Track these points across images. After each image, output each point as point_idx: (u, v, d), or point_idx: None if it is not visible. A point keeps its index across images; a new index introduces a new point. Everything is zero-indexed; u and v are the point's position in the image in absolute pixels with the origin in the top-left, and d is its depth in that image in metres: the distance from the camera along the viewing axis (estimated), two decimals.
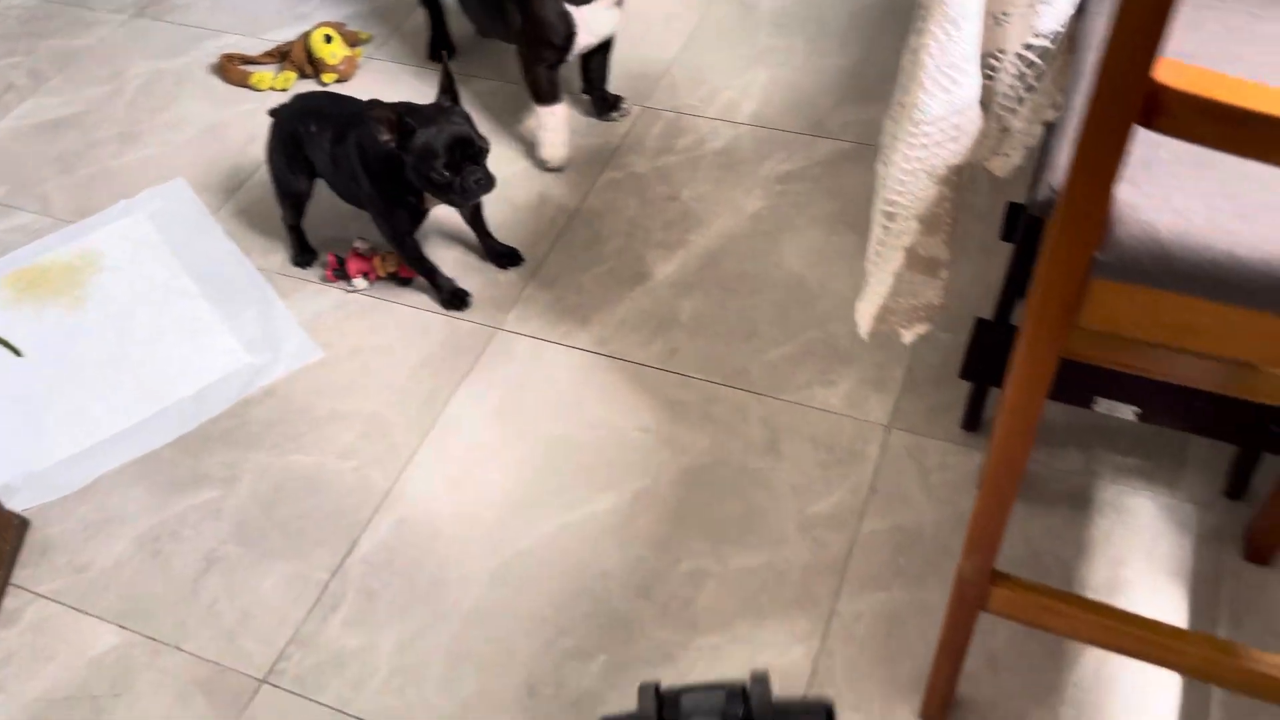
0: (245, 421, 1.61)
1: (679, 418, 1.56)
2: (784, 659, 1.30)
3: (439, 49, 2.18)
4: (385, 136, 1.55)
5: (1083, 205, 0.66)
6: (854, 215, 1.83)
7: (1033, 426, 0.82)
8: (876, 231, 1.04)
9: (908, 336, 1.24)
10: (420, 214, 1.70)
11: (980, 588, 1.00)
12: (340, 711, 1.29)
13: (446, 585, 1.40)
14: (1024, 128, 1.00)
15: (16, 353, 1.34)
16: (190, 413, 1.62)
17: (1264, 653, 0.93)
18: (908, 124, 0.95)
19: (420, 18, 2.28)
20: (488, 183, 1.59)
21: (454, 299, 1.74)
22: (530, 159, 1.99)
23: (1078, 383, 1.34)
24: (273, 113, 1.78)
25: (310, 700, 1.30)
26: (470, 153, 1.57)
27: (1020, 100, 0.98)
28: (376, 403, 1.62)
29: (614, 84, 2.10)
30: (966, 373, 1.43)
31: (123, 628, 1.39)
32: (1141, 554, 1.36)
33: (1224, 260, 0.66)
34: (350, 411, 1.61)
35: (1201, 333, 0.70)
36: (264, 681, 1.32)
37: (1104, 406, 1.35)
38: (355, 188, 1.69)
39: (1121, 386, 1.33)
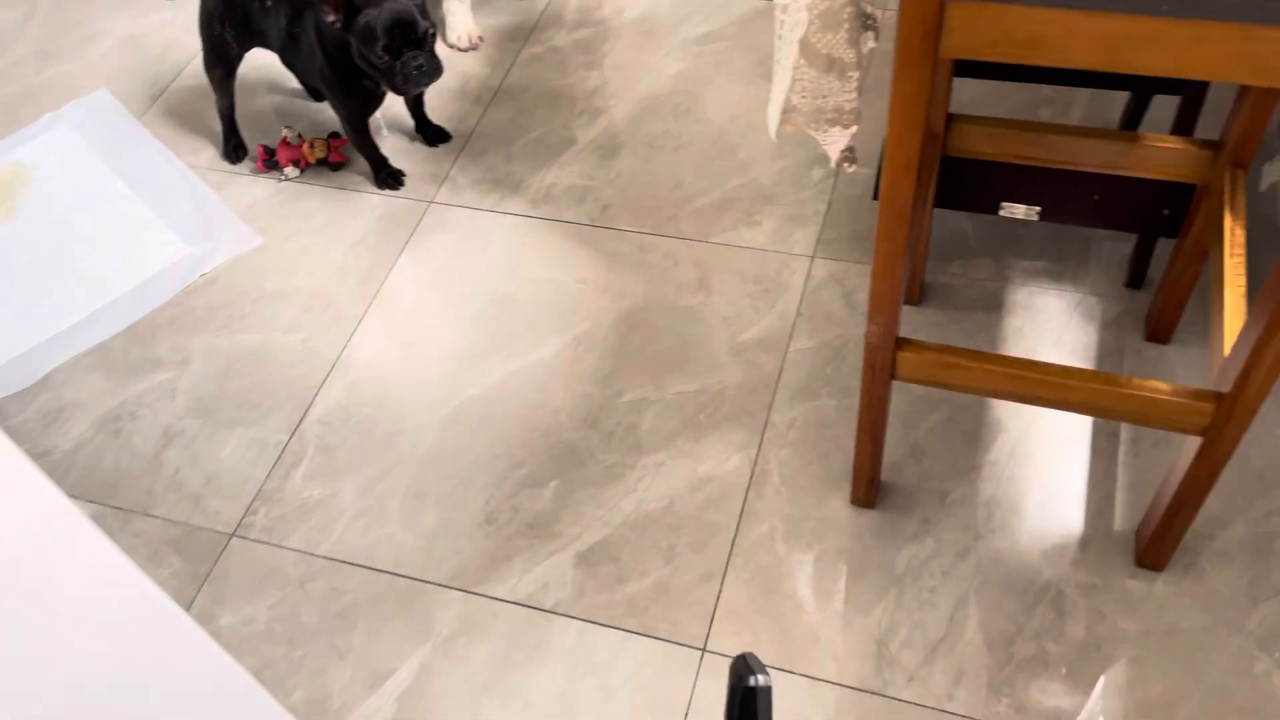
0: (191, 308, 1.65)
1: (614, 268, 1.62)
2: (724, 467, 1.38)
3: None
4: (330, 17, 1.52)
5: None
6: (770, 68, 1.88)
7: (913, 167, 0.89)
8: (775, 28, 1.10)
9: (834, 153, 1.30)
10: (377, 99, 1.70)
11: (887, 351, 1.08)
12: (308, 554, 1.36)
13: (401, 435, 1.46)
14: None
15: None
16: (135, 303, 1.65)
17: (1143, 380, 1.02)
18: None
19: None
20: (431, 71, 1.55)
21: (390, 178, 1.76)
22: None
23: (984, 190, 1.41)
24: None
25: (279, 547, 1.37)
26: (412, 37, 1.52)
27: None
28: (318, 280, 1.66)
29: None
30: (878, 191, 1.50)
31: (90, 501, 1.43)
32: (1050, 344, 1.45)
33: None
34: (293, 290, 1.66)
35: (1046, 43, 0.76)
36: (233, 535, 1.38)
37: (1008, 210, 1.43)
38: (311, 67, 1.66)
39: (1023, 189, 1.40)
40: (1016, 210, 1.41)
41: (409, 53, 1.52)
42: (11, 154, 1.90)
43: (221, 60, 1.75)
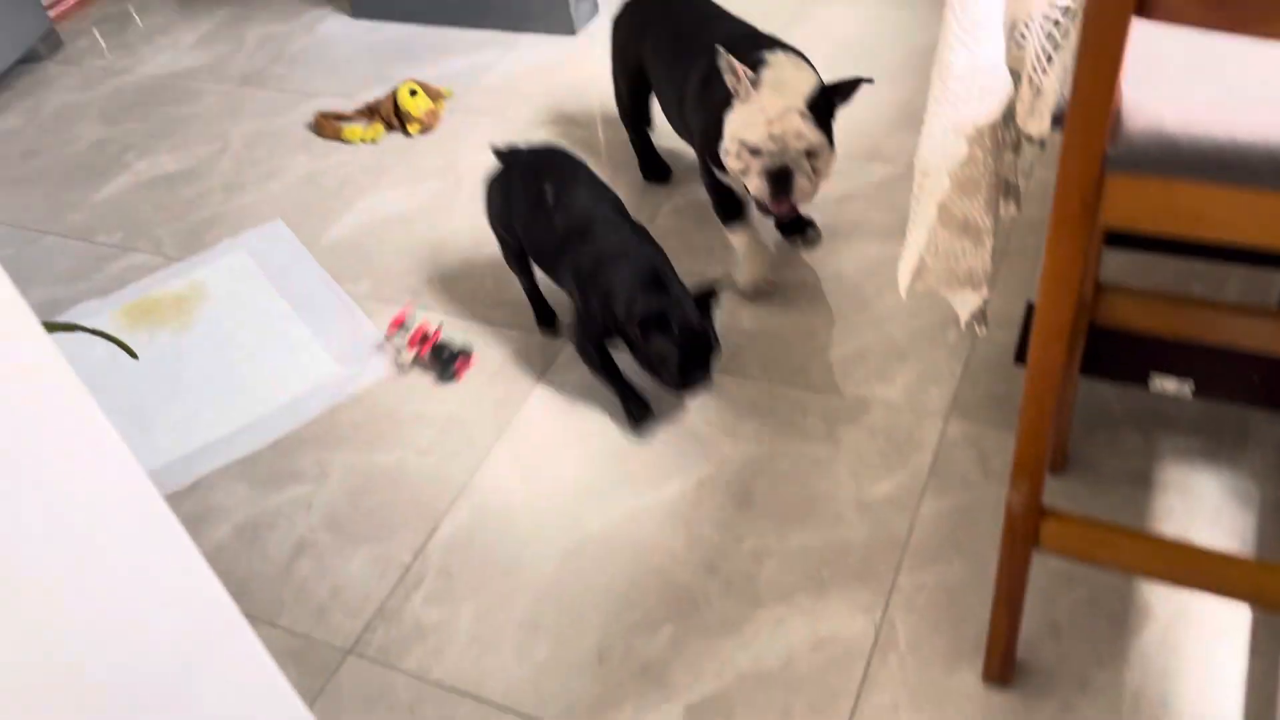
0: (335, 425, 1.73)
1: (741, 413, 1.63)
2: (847, 629, 1.33)
3: (651, 171, 2.13)
4: (632, 332, 1.51)
5: (1091, 100, 0.73)
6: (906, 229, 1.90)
7: (1065, 332, 0.87)
8: (914, 189, 1.12)
9: (963, 314, 1.30)
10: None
11: (1029, 520, 1.04)
12: (420, 678, 1.36)
13: (521, 565, 1.47)
14: (1054, 86, 1.08)
15: (132, 354, 1.48)
16: (286, 418, 1.74)
17: None
18: (937, 82, 1.03)
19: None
20: (707, 383, 1.56)
21: (637, 410, 1.62)
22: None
23: (1133, 360, 1.38)
24: (500, 156, 1.73)
25: (392, 668, 1.37)
26: (701, 359, 1.51)
27: (1049, 58, 1.06)
28: (454, 406, 1.73)
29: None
30: (1021, 355, 1.48)
31: None
32: (1204, 526, 1.36)
33: (1225, 144, 0.73)
34: (430, 414, 1.72)
35: (1213, 218, 0.75)
36: (350, 652, 1.40)
37: (1159, 384, 1.39)
38: (560, 277, 1.65)
39: (1176, 362, 1.36)
40: (1168, 384, 1.36)
41: (695, 373, 1.52)
42: (192, 274, 2.07)
43: (509, 250, 1.76)
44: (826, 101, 1.63)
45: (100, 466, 0.63)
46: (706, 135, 1.72)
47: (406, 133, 2.36)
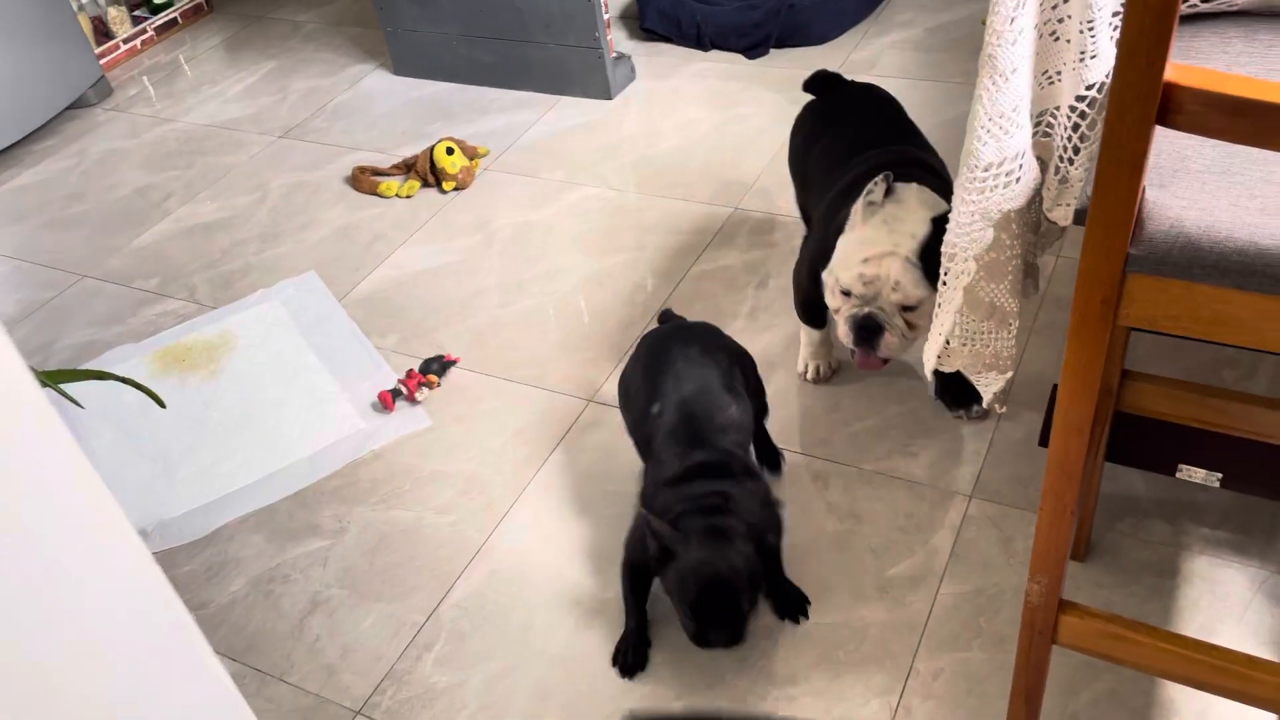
0: (355, 480, 1.73)
1: None
2: (861, 712, 1.30)
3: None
4: (653, 547, 1.31)
5: (1113, 201, 0.73)
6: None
7: (1086, 428, 0.86)
8: (940, 273, 1.12)
9: (987, 395, 1.30)
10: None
11: (1048, 613, 1.01)
12: None
13: (534, 631, 1.46)
14: (1080, 175, 1.08)
15: (160, 403, 1.50)
16: (307, 471, 1.75)
17: None
18: (965, 170, 1.04)
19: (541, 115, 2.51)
20: (730, 641, 1.29)
21: (625, 657, 1.39)
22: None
23: (1160, 450, 1.36)
24: (662, 320, 1.66)
25: None
26: (723, 613, 1.27)
27: (1076, 150, 1.06)
28: (475, 465, 1.73)
29: (702, 189, 2.25)
30: (1045, 439, 1.46)
31: (233, 660, 1.48)
32: (1232, 623, 1.33)
33: (1248, 249, 0.72)
34: (451, 472, 1.72)
35: (1233, 323, 0.75)
36: (359, 713, 1.39)
37: (1186, 473, 1.37)
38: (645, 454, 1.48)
39: (1204, 452, 1.34)
40: (1196, 475, 1.34)
41: (715, 626, 1.28)
42: (223, 322, 2.10)
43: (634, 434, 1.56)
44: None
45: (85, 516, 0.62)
46: (819, 246, 1.59)
47: (441, 189, 2.40)
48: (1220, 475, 1.33)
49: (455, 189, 2.39)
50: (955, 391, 1.67)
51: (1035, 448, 1.60)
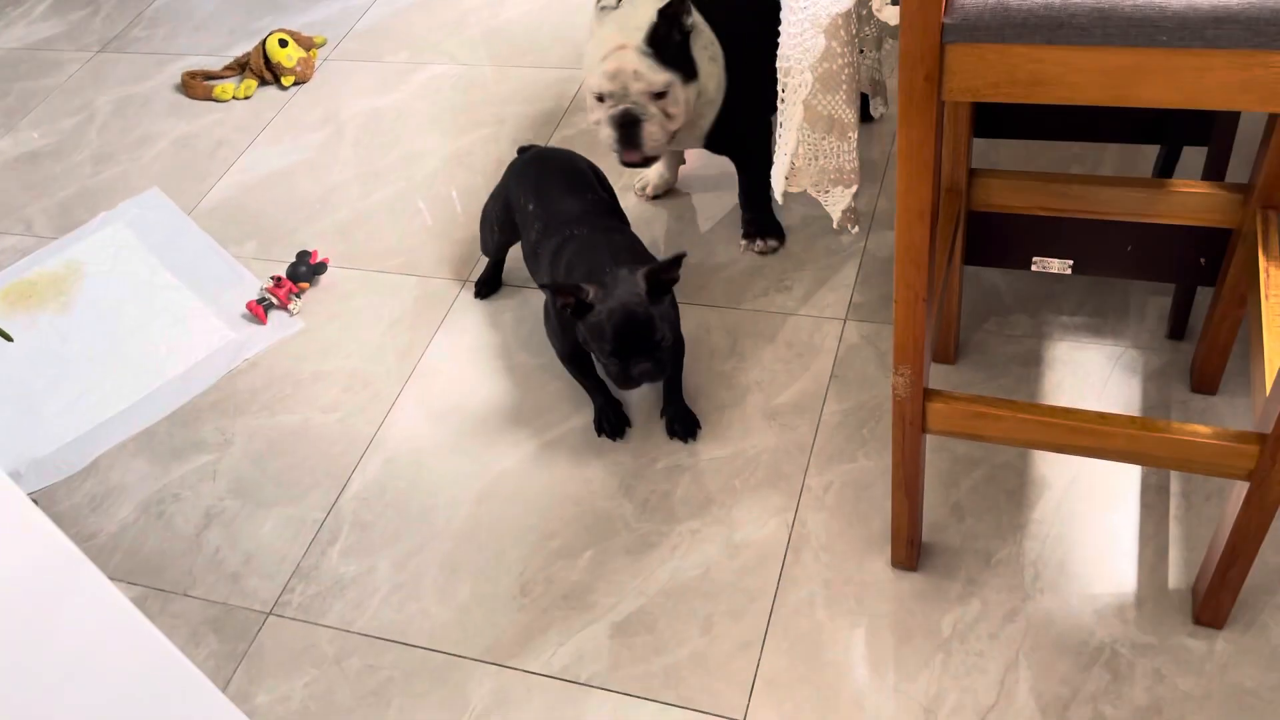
0: (233, 392, 1.68)
1: None
2: (760, 533, 1.35)
3: None
4: (560, 303, 1.36)
5: None
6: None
7: (926, 212, 0.88)
8: (779, 91, 1.12)
9: (835, 213, 1.31)
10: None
11: (915, 403, 1.06)
12: (344, 630, 1.35)
13: (436, 509, 1.46)
14: None
15: (7, 338, 1.41)
16: (181, 389, 1.69)
17: (1182, 424, 0.99)
18: None
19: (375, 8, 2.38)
20: (652, 376, 1.36)
21: (608, 423, 1.49)
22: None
23: (1014, 245, 1.40)
24: (521, 151, 1.67)
25: (315, 624, 1.36)
26: (643, 345, 1.33)
27: None
28: (356, 360, 1.69)
29: (554, 54, 2.17)
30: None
31: (132, 584, 1.45)
32: (1092, 399, 1.41)
33: (1054, 3, 0.73)
34: (332, 371, 1.68)
35: (1049, 81, 0.76)
36: (270, 614, 1.38)
37: (1041, 265, 1.42)
38: (538, 277, 1.55)
39: (1055, 243, 1.39)
40: (1050, 265, 1.39)
41: (635, 358, 1.34)
42: (66, 252, 1.98)
43: (489, 246, 1.71)
44: (669, 27, 1.47)
45: None
46: None
47: (281, 85, 2.28)
48: (1072, 262, 1.39)
49: (295, 83, 2.27)
50: (748, 224, 1.72)
51: None
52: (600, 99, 1.53)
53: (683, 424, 1.48)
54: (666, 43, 1.49)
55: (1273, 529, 1.24)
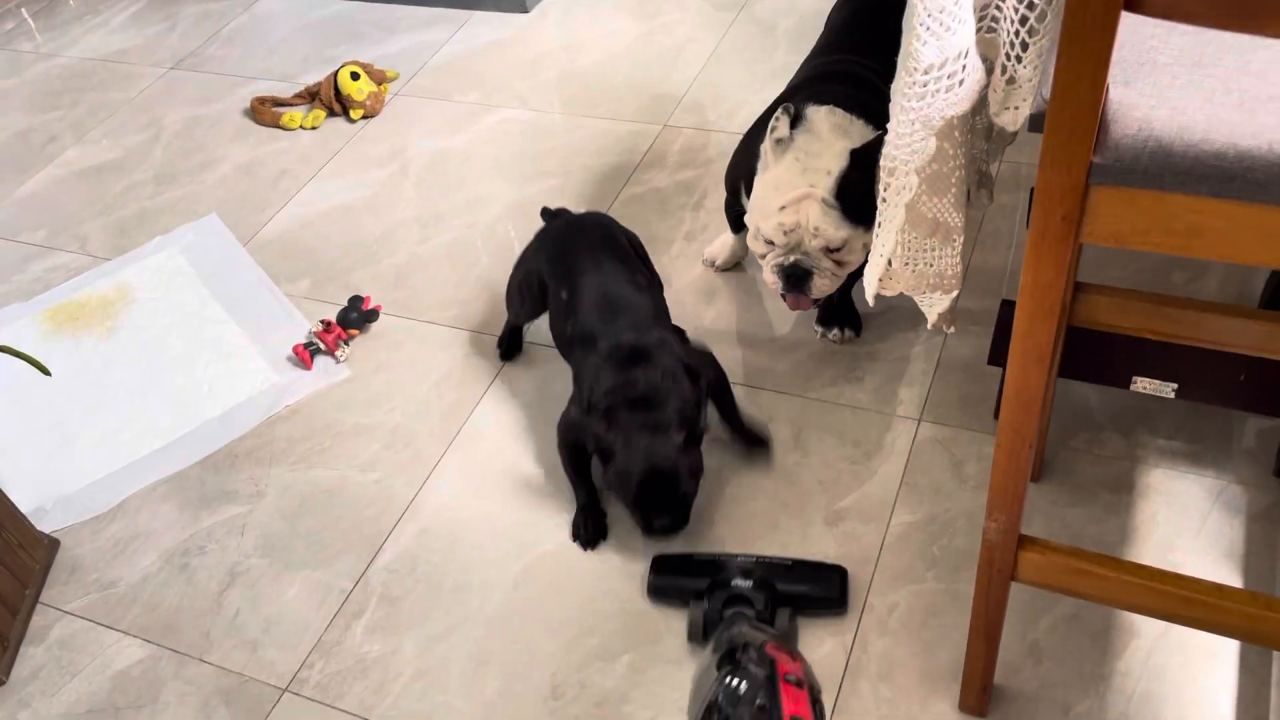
0: (271, 439, 1.62)
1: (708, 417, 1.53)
2: (817, 653, 1.25)
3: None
4: (590, 445, 1.36)
5: (1074, 101, 0.64)
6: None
7: (1045, 357, 0.79)
8: (879, 190, 1.03)
9: (931, 315, 1.21)
10: None
11: (1007, 551, 0.95)
12: (362, 717, 1.26)
13: (469, 590, 1.38)
14: (1029, 74, 0.98)
15: (45, 371, 1.36)
16: (218, 433, 1.63)
17: None
18: (903, 74, 0.93)
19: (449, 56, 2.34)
20: (673, 529, 1.35)
21: (583, 528, 1.40)
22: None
23: (1115, 363, 1.30)
24: (545, 217, 1.61)
25: (331, 707, 1.28)
26: (664, 500, 1.31)
27: (1025, 45, 0.96)
28: (399, 416, 1.62)
29: (629, 105, 2.12)
30: (995, 357, 1.39)
31: (148, 641, 1.38)
32: (1190, 536, 1.29)
33: (1226, 152, 0.63)
34: (374, 425, 1.61)
35: (1209, 235, 0.66)
36: (286, 690, 1.31)
37: (1142, 385, 1.31)
38: (566, 354, 1.49)
39: (1159, 364, 1.28)
40: (1150, 386, 1.28)
41: (657, 513, 1.32)
42: (118, 274, 1.95)
43: (518, 316, 1.63)
44: (862, 174, 1.32)
45: None
46: (735, 176, 1.57)
47: (349, 118, 2.24)
48: (1175, 385, 1.27)
49: (364, 117, 2.23)
50: (826, 310, 1.60)
51: (984, 366, 1.54)
52: (769, 243, 1.43)
53: (752, 440, 1.47)
54: (855, 190, 1.35)
55: None
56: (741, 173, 1.55)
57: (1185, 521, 1.31)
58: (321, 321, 1.74)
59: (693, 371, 1.37)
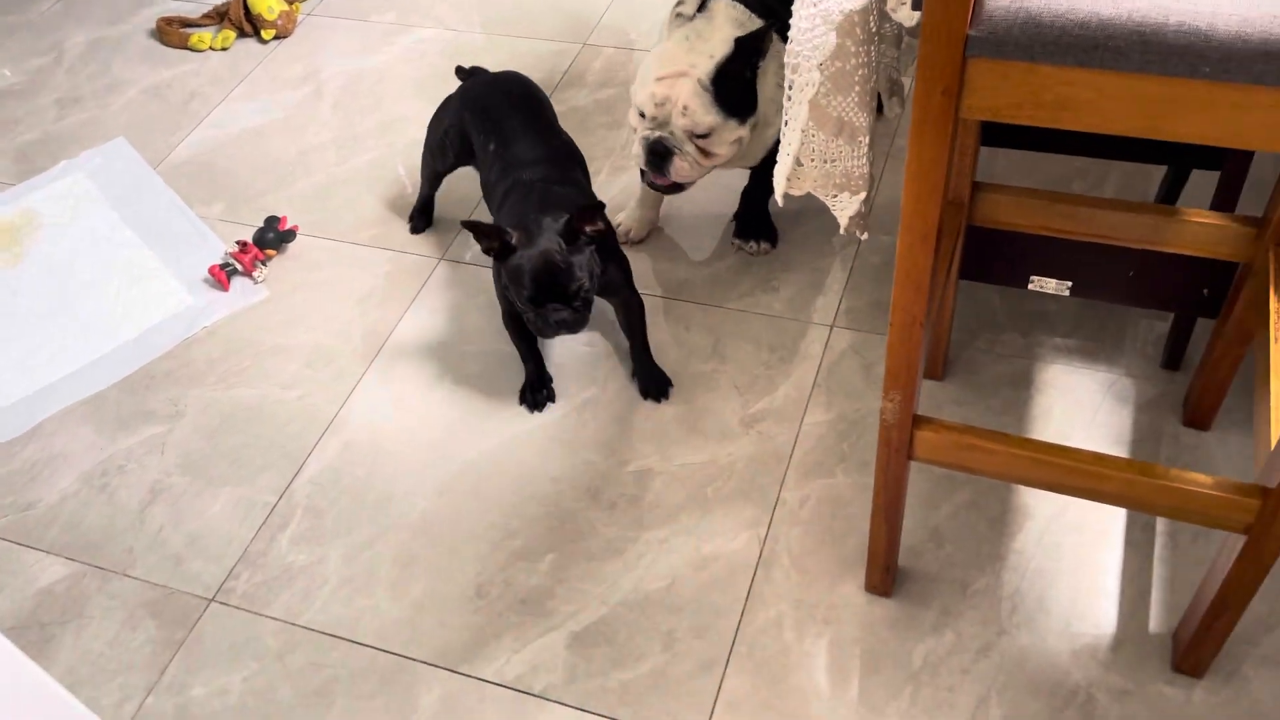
0: (189, 360, 1.60)
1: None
2: (730, 546, 1.30)
3: None
4: (485, 246, 1.35)
5: None
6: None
7: (931, 236, 0.82)
8: (785, 87, 1.05)
9: (842, 218, 1.25)
10: None
11: (903, 430, 1.00)
12: (289, 623, 1.28)
13: (394, 499, 1.40)
14: None
15: None
16: (134, 355, 1.61)
17: (1182, 470, 0.94)
18: None
19: None
20: (571, 326, 1.35)
21: (532, 395, 1.47)
22: None
23: (1013, 263, 1.35)
24: (461, 75, 1.66)
25: (259, 615, 1.30)
26: (560, 292, 1.32)
27: None
28: (321, 335, 1.62)
29: (549, 24, 2.10)
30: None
31: (70, 560, 1.38)
32: (1083, 426, 1.36)
33: (1089, 21, 0.67)
34: (294, 345, 1.61)
35: (1077, 105, 0.70)
36: (212, 600, 1.32)
37: (1038, 284, 1.36)
38: (493, 203, 1.50)
39: (1054, 263, 1.34)
40: (1047, 285, 1.34)
41: (552, 305, 1.33)
42: (22, 201, 1.89)
43: (429, 166, 1.68)
44: (742, 64, 1.36)
45: None
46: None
47: (260, 39, 2.18)
48: (1070, 284, 1.33)
49: (276, 37, 2.18)
50: (743, 223, 1.63)
51: (893, 272, 1.58)
52: (640, 115, 1.44)
53: (655, 384, 1.47)
54: (733, 80, 1.37)
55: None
56: None
57: (1079, 413, 1.38)
58: (237, 243, 1.72)
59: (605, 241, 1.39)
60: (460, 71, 1.67)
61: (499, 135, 1.51)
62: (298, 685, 1.23)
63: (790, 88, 1.07)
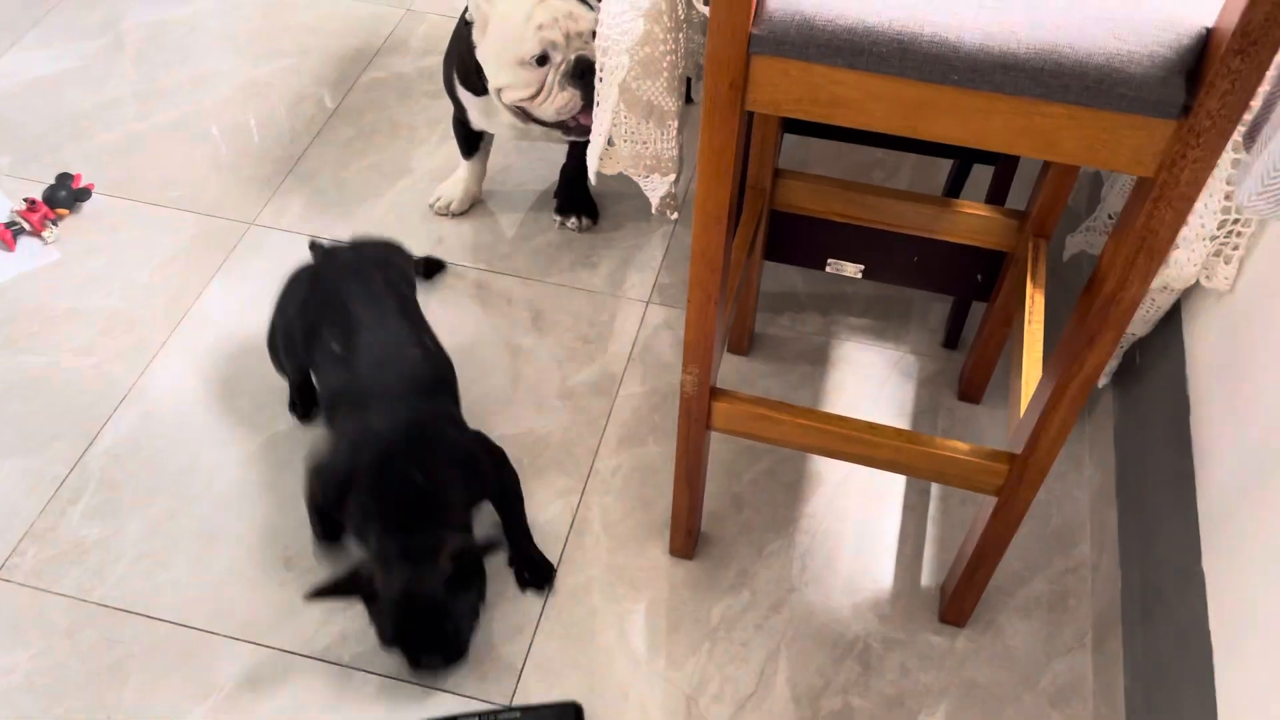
0: None
1: (446, 302, 1.57)
2: (544, 514, 1.34)
3: None
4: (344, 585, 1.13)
5: None
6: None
7: (723, 216, 0.88)
8: (596, 69, 1.08)
9: (654, 198, 1.29)
10: None
11: (702, 401, 1.06)
12: (81, 600, 1.23)
13: (197, 471, 1.36)
14: None
15: None
16: None
17: (944, 439, 1.04)
18: None
19: None
20: (445, 665, 1.17)
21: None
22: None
23: (812, 246, 1.43)
24: (313, 249, 1.43)
25: (46, 592, 1.24)
26: (434, 640, 1.13)
27: None
28: (118, 300, 1.54)
29: None
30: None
31: None
32: (870, 400, 1.47)
33: (855, 27, 0.73)
34: (89, 310, 1.53)
35: (847, 104, 0.77)
36: None
37: (834, 267, 1.46)
38: (330, 417, 1.28)
39: (849, 247, 1.43)
40: (843, 268, 1.43)
41: (424, 653, 1.14)
42: None
43: (287, 374, 1.40)
44: None
45: None
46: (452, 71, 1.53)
47: None
48: (863, 267, 1.43)
49: None
50: (563, 199, 1.67)
51: None
52: (541, 60, 1.40)
53: (533, 572, 1.26)
54: None
55: (1015, 537, 1.34)
56: (456, 64, 1.52)
57: (868, 387, 1.49)
58: (25, 200, 1.61)
59: (476, 468, 1.23)
60: (314, 248, 1.44)
61: (345, 337, 1.26)
62: (89, 662, 1.18)
63: (601, 70, 1.10)
